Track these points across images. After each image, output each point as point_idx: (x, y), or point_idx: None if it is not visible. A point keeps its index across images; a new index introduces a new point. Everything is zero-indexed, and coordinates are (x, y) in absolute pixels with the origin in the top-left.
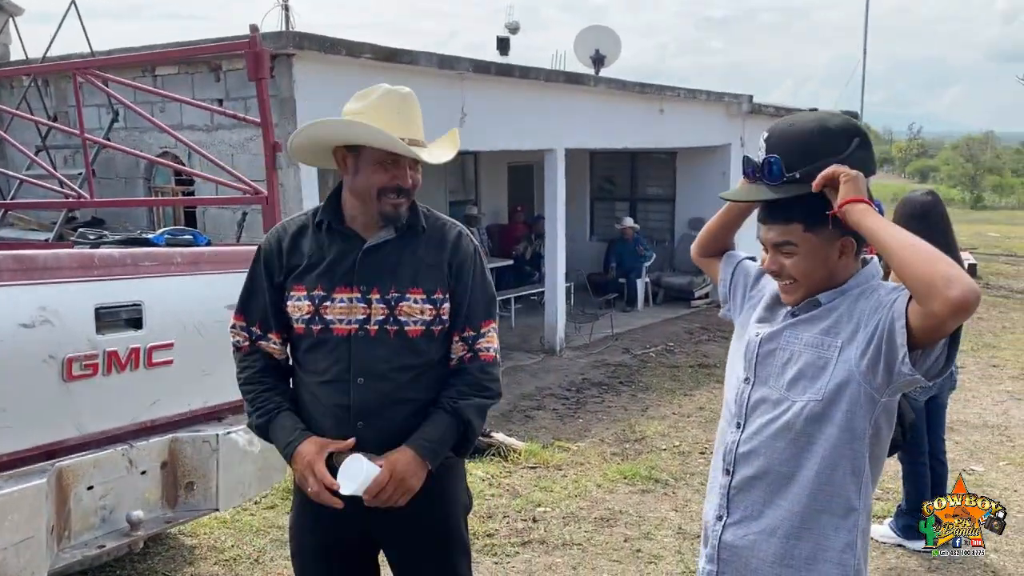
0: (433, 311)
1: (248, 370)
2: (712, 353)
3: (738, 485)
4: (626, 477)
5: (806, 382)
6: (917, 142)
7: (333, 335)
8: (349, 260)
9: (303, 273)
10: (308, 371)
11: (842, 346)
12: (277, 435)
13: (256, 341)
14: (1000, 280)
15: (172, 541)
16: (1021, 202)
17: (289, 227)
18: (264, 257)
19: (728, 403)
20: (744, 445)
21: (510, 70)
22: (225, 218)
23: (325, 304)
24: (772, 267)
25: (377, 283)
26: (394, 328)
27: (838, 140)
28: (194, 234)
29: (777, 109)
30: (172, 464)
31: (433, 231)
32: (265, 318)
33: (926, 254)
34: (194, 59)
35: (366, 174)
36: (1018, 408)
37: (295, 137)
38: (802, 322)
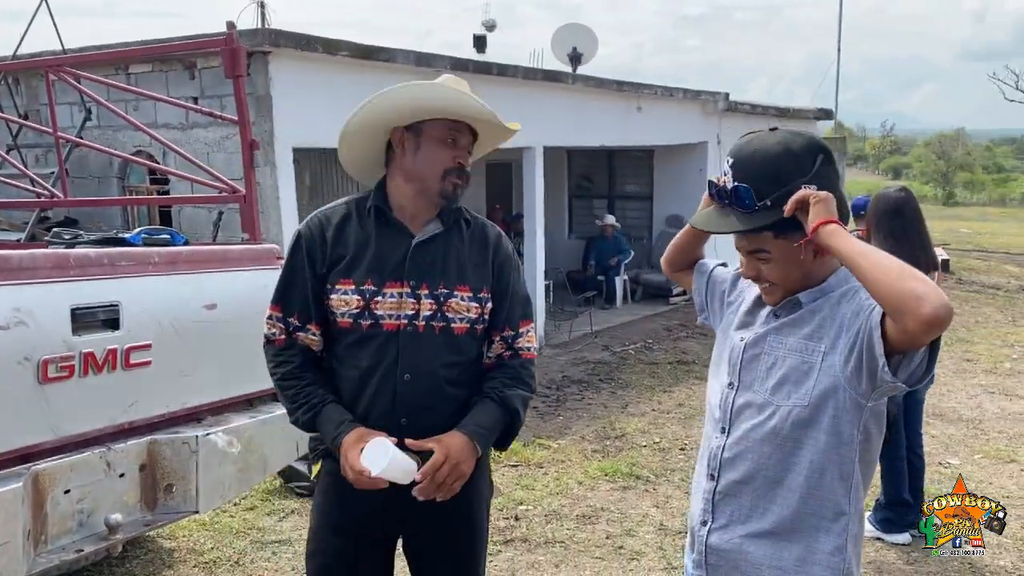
0: (479, 309)
1: (285, 365)
2: (690, 350)
3: (723, 490)
4: (607, 474)
5: (790, 387)
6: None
7: (383, 330)
8: (399, 254)
9: (350, 265)
10: (350, 366)
11: (826, 351)
12: (325, 427)
13: (294, 333)
14: (972, 275)
15: (150, 544)
16: (992, 199)
17: (332, 216)
18: (306, 246)
19: (712, 408)
20: (730, 450)
21: (488, 68)
22: (201, 217)
23: (376, 299)
24: (750, 273)
25: (427, 279)
26: (441, 324)
27: (803, 161)
28: (171, 233)
29: (753, 107)
30: (151, 466)
31: (476, 228)
32: (305, 309)
33: (897, 272)
34: (168, 57)
35: (429, 152)
36: (991, 402)
37: (361, 108)
38: (786, 326)
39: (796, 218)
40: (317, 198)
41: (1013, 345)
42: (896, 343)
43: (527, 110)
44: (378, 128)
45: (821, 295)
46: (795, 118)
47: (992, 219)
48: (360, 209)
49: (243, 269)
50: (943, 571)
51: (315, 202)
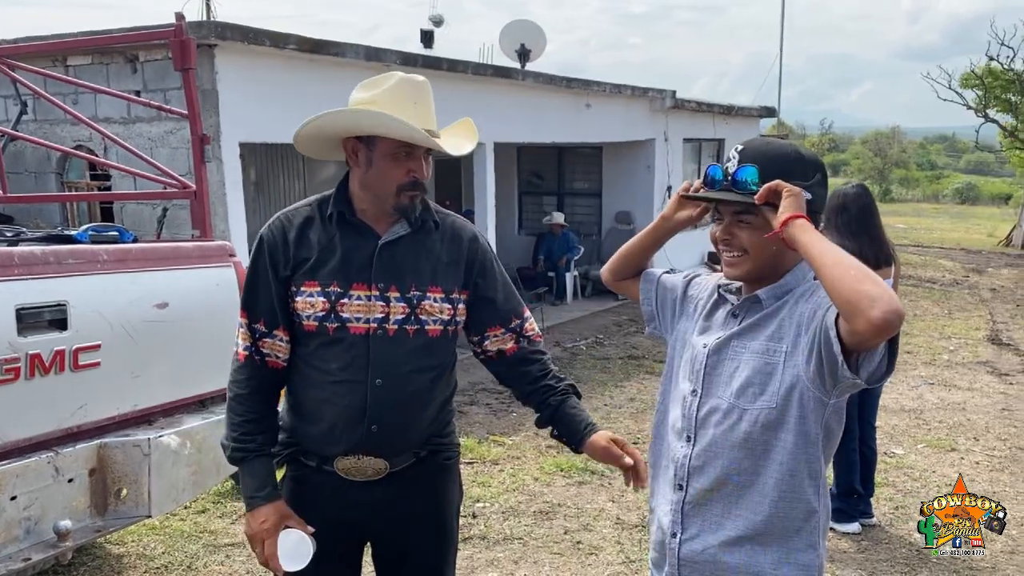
0: (451, 311)
1: (238, 387)
2: (640, 345)
3: (693, 499)
4: (562, 470)
5: (755, 389)
6: (828, 137)
7: (349, 334)
8: (364, 256)
9: (314, 268)
10: (318, 370)
11: (787, 351)
12: (246, 480)
13: (260, 340)
14: (909, 270)
15: (98, 551)
16: (926, 195)
17: (294, 218)
18: (268, 249)
19: (674, 418)
20: (698, 459)
21: (438, 63)
22: (145, 214)
23: (342, 301)
24: (725, 235)
25: (395, 281)
26: (414, 328)
27: (808, 169)
28: (120, 230)
29: (699, 104)
30: (101, 471)
31: (446, 227)
32: (271, 314)
33: (855, 272)
34: (110, 49)
35: (382, 167)
36: (932, 392)
37: (303, 128)
38: (747, 330)
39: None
40: (263, 194)
41: (950, 337)
42: (847, 343)
43: (477, 106)
44: (329, 138)
45: (780, 293)
46: (740, 116)
47: (927, 215)
48: (323, 211)
49: (195, 266)
50: (892, 559)
51: (261, 198)
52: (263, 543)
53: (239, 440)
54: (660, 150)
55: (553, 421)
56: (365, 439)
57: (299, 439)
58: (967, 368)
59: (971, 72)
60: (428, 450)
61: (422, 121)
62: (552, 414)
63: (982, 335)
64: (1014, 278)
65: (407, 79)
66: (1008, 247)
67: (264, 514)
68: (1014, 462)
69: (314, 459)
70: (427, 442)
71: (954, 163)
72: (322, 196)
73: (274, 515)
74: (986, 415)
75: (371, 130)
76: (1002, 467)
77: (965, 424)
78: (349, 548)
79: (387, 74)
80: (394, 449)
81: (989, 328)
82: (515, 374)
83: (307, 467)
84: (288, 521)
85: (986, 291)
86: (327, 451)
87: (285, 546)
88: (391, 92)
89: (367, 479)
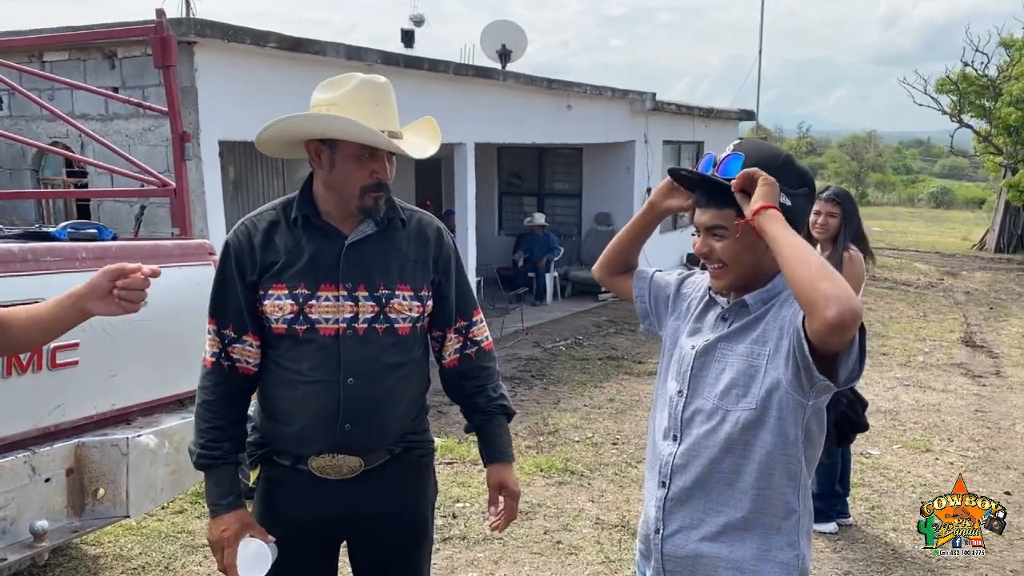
0: (420, 308)
1: (205, 393)
2: (620, 345)
3: (675, 496)
4: (542, 470)
5: (739, 391)
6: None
7: (319, 335)
8: (331, 256)
9: (281, 271)
10: (289, 371)
11: (770, 354)
12: (211, 487)
13: (229, 345)
14: (885, 272)
15: (75, 551)
16: (901, 198)
17: (259, 222)
18: (234, 254)
19: (660, 418)
20: (681, 458)
21: (419, 63)
22: (123, 212)
23: (310, 303)
24: (703, 249)
25: (364, 280)
26: (384, 326)
27: (794, 176)
28: (99, 228)
29: (679, 107)
30: (78, 470)
31: (412, 225)
32: (240, 319)
33: (815, 270)
34: (87, 45)
35: (345, 169)
36: (907, 394)
37: (264, 131)
38: (734, 333)
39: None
40: (242, 192)
41: (925, 339)
42: (813, 343)
43: (458, 106)
44: (292, 141)
45: (768, 297)
46: (719, 119)
47: (902, 218)
48: (288, 214)
49: (175, 265)
50: (868, 558)
51: (240, 196)
52: (223, 551)
53: (205, 447)
54: (640, 152)
55: (477, 436)
56: (339, 438)
57: (272, 440)
58: (941, 370)
59: (946, 77)
60: (403, 447)
61: (384, 123)
62: (476, 430)
63: (956, 337)
64: (987, 281)
65: (368, 80)
66: (981, 251)
67: (226, 522)
68: (987, 463)
69: (288, 458)
70: (401, 439)
71: (929, 167)
72: (286, 199)
73: (236, 523)
74: (960, 416)
75: (333, 134)
76: (976, 468)
77: (940, 425)
78: (325, 547)
79: (348, 75)
80: (368, 447)
81: (963, 330)
82: (452, 386)
83: (281, 467)
84: (250, 530)
85: (960, 294)
86: (301, 451)
87: (245, 555)
88: (352, 94)
89: (342, 477)
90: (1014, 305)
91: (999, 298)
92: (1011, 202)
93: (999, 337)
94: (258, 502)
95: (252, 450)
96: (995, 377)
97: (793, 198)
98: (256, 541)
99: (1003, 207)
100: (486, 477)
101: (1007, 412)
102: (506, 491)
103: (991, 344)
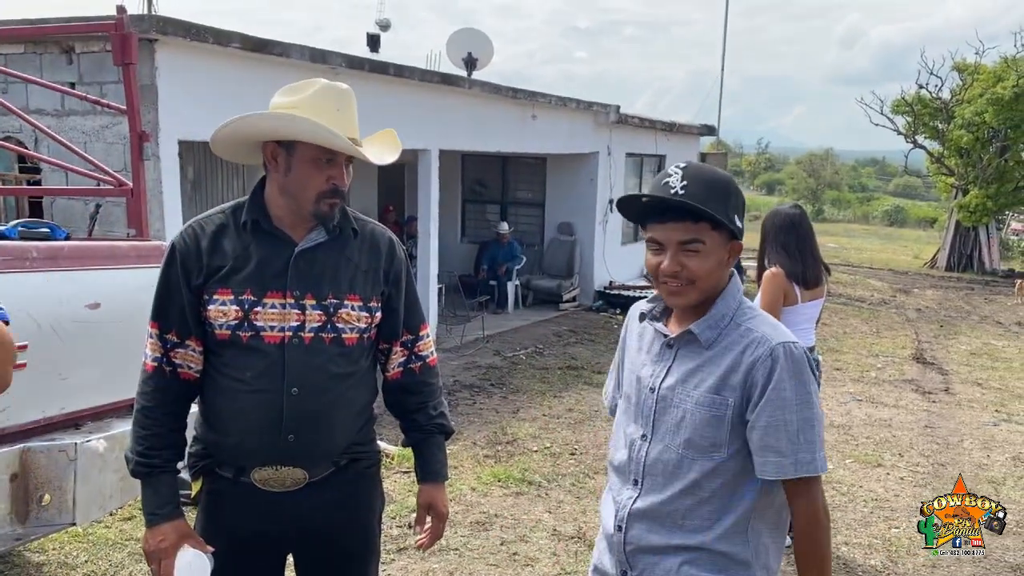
0: (369, 319)
1: (145, 399)
2: (580, 355)
3: (634, 541)
4: (499, 480)
5: (704, 442)
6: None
7: (264, 342)
8: (280, 263)
9: (227, 276)
10: (232, 379)
11: (734, 404)
12: (148, 496)
13: (172, 350)
14: (840, 288)
15: (17, 559)
16: (856, 216)
17: (207, 225)
18: (180, 257)
19: (620, 462)
20: (642, 502)
21: (385, 67)
22: (77, 210)
23: (256, 309)
24: (673, 267)
25: (312, 289)
26: (331, 336)
27: (739, 202)
28: (51, 227)
29: (642, 120)
30: (23, 476)
31: (365, 235)
32: (183, 324)
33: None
34: (44, 39)
35: (302, 173)
36: (859, 408)
37: (221, 129)
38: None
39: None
40: (200, 193)
41: (877, 355)
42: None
43: (423, 112)
44: (248, 142)
45: (713, 324)
46: (681, 133)
47: (857, 235)
48: (237, 218)
49: (130, 267)
50: None
51: (198, 197)
52: (160, 562)
53: (143, 455)
54: (603, 163)
55: (414, 453)
56: (282, 449)
57: (214, 450)
58: (893, 385)
59: (902, 99)
60: (348, 458)
61: (344, 129)
62: (412, 447)
63: (908, 353)
64: (938, 299)
65: (331, 86)
66: (932, 269)
67: (163, 532)
68: (936, 478)
69: (230, 470)
70: (347, 450)
71: (884, 186)
72: (236, 203)
73: (173, 534)
74: (910, 432)
75: (292, 135)
76: (925, 483)
77: (891, 440)
78: (270, 560)
79: (310, 80)
80: (312, 459)
81: (914, 347)
82: (394, 400)
83: (223, 479)
84: (188, 540)
85: (912, 311)
86: (243, 462)
87: (181, 565)
88: (313, 98)
89: (285, 489)
90: (963, 323)
91: (949, 316)
92: (961, 222)
93: (948, 354)
94: (201, 514)
95: (194, 461)
96: (944, 394)
97: (741, 221)
98: (194, 551)
99: (954, 227)
100: (417, 495)
101: (955, 428)
102: (434, 512)
103: (941, 361)
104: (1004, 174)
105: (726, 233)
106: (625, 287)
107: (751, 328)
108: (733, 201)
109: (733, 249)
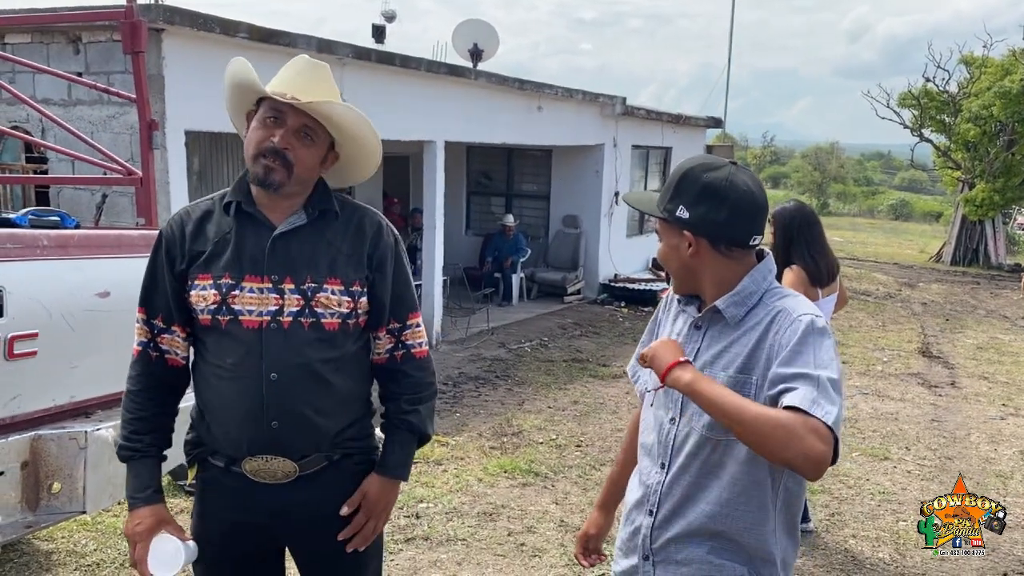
0: (351, 303)
1: (132, 382)
2: (584, 348)
3: (662, 524)
4: (506, 471)
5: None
6: (770, 149)
7: (242, 327)
8: (258, 247)
9: (208, 261)
10: (214, 366)
11: (758, 384)
12: (130, 479)
13: (159, 336)
14: (845, 282)
15: (26, 547)
16: (862, 210)
17: (193, 211)
18: (166, 243)
19: (650, 445)
20: (669, 487)
21: (391, 58)
22: (83, 200)
23: (233, 293)
24: (660, 255)
25: (290, 272)
26: (310, 320)
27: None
28: (61, 216)
29: (649, 112)
30: (34, 464)
31: (349, 218)
32: (168, 310)
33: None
34: (51, 28)
35: (251, 133)
36: (866, 402)
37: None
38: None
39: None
40: (206, 183)
41: (883, 349)
42: None
43: (429, 103)
44: (239, 114)
45: (740, 300)
46: (687, 125)
47: (862, 229)
48: (224, 202)
49: (139, 255)
50: (828, 564)
51: (204, 187)
52: (136, 545)
53: (127, 439)
54: (609, 155)
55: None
56: (267, 437)
57: (206, 438)
58: (899, 379)
59: (908, 92)
60: (341, 452)
61: (295, 88)
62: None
63: (914, 347)
64: (943, 293)
65: (304, 57)
66: (938, 263)
67: (141, 516)
68: (943, 471)
69: (222, 460)
70: (339, 444)
71: (889, 180)
72: (226, 190)
73: (151, 518)
74: (917, 425)
75: (225, 78)
76: (932, 476)
77: (897, 434)
78: (264, 552)
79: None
80: (300, 449)
81: (920, 341)
82: (380, 388)
83: (215, 468)
84: (166, 526)
85: (917, 305)
86: (232, 451)
87: (156, 552)
88: (285, 67)
89: (276, 482)
90: (969, 317)
91: (955, 310)
92: (967, 216)
93: (955, 348)
94: (197, 504)
95: (189, 449)
96: (951, 387)
97: (692, 210)
98: (172, 538)
99: (959, 221)
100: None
101: (962, 422)
102: (365, 503)
103: (947, 355)
104: (1011, 168)
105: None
106: (630, 280)
107: (778, 305)
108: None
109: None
